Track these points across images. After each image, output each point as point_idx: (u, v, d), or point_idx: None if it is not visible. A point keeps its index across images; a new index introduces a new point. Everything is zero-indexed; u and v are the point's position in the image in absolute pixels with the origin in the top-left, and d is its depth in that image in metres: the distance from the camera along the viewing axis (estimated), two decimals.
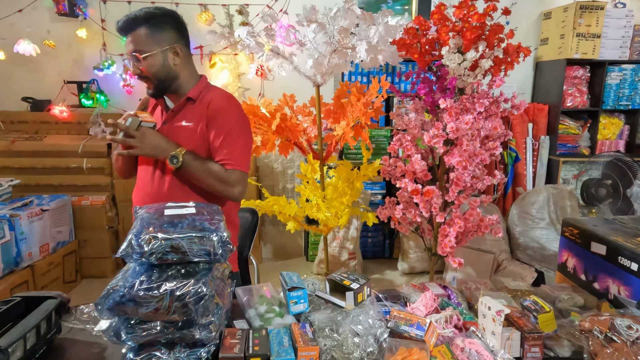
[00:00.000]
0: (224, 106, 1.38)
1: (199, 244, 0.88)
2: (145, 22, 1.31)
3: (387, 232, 3.63)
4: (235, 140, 1.38)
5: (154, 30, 1.32)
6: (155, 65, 1.34)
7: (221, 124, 1.37)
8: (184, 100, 1.40)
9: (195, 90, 1.41)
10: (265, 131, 2.54)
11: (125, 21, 1.32)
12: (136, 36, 1.31)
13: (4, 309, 0.91)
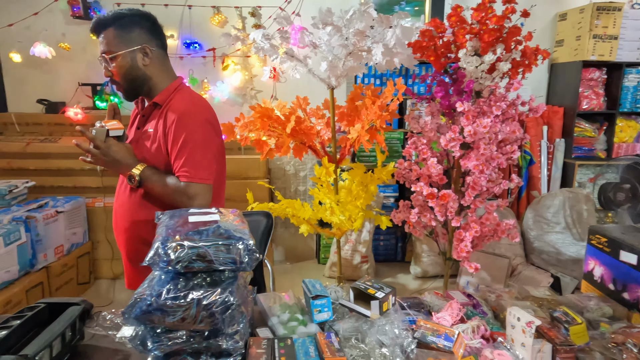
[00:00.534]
0: (183, 112, 1.29)
1: (225, 252, 0.86)
2: (114, 23, 1.30)
3: (400, 236, 3.60)
4: (192, 150, 1.28)
5: (122, 30, 1.30)
6: (124, 66, 1.31)
7: (177, 132, 1.27)
8: (150, 105, 1.36)
9: (162, 95, 1.36)
10: (279, 134, 2.53)
11: (95, 22, 1.32)
12: (105, 37, 1.30)
13: (29, 316, 0.91)
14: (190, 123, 1.28)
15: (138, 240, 1.37)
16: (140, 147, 1.35)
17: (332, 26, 2.17)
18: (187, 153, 1.27)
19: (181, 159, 1.28)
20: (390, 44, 2.08)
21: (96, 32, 1.32)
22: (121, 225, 1.39)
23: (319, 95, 2.88)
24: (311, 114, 2.81)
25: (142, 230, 1.35)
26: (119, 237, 1.43)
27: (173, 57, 3.58)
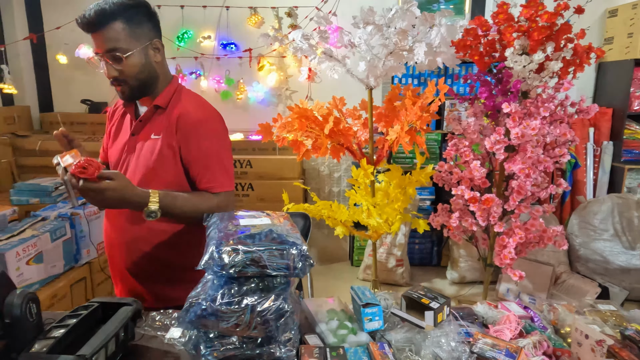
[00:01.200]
0: (198, 121, 1.20)
1: (279, 257, 0.84)
2: (120, 15, 1.10)
3: (436, 239, 3.52)
4: (218, 158, 1.21)
5: (131, 24, 1.13)
6: (137, 64, 1.15)
7: (198, 141, 1.18)
8: (151, 109, 1.21)
9: (164, 97, 1.22)
10: (317, 135, 2.51)
11: (96, 14, 1.08)
12: (112, 32, 1.10)
13: (85, 315, 0.91)
14: (211, 131, 1.21)
15: (139, 252, 1.26)
16: (143, 156, 1.20)
17: (374, 25, 2.13)
18: (213, 164, 1.21)
19: (208, 170, 1.20)
20: (435, 43, 2.02)
21: (96, 26, 1.10)
22: (121, 238, 1.27)
23: (354, 96, 2.85)
24: (347, 114, 2.78)
25: (146, 241, 1.25)
26: (119, 250, 1.29)
27: (210, 57, 3.63)
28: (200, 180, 1.21)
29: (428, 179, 2.61)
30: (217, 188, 1.21)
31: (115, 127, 1.31)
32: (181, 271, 1.25)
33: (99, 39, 1.11)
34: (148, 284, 1.29)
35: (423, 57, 2.12)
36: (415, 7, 2.06)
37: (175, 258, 1.26)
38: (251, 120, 3.77)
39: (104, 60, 1.13)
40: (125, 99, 1.21)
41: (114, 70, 1.14)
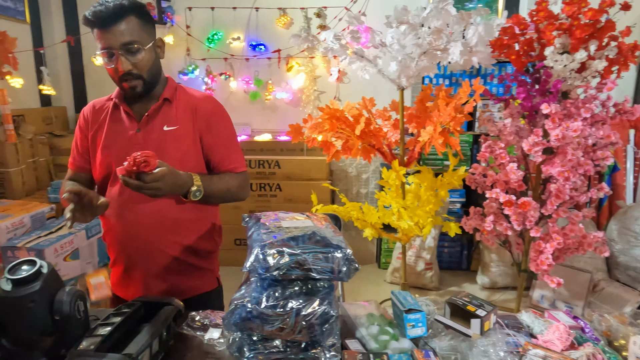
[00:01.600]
0: (214, 109, 1.30)
1: (323, 260, 0.83)
2: (134, 11, 1.13)
3: (466, 243, 3.44)
4: (235, 141, 1.34)
5: (143, 20, 1.16)
6: (150, 59, 1.18)
7: (218, 128, 1.28)
8: (160, 102, 1.24)
9: (170, 90, 1.27)
10: (348, 136, 2.49)
11: (114, 7, 1.10)
12: (129, 25, 1.11)
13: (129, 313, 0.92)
14: (225, 117, 1.32)
15: (154, 243, 1.27)
16: (164, 148, 1.21)
17: (407, 24, 2.10)
18: (232, 146, 1.32)
19: (231, 152, 1.31)
20: (472, 42, 1.97)
21: (112, 19, 1.10)
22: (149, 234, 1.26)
23: (383, 96, 2.82)
24: (377, 115, 2.74)
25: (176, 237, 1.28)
26: (143, 247, 1.27)
27: (240, 59, 3.66)
28: (224, 162, 1.29)
29: (460, 182, 2.55)
30: (240, 168, 1.32)
31: (106, 128, 1.27)
32: (196, 258, 1.32)
33: (114, 33, 1.11)
34: (162, 275, 1.29)
35: (458, 56, 2.07)
36: (451, 6, 2.02)
37: (192, 244, 1.30)
38: (279, 121, 3.78)
39: (118, 54, 1.12)
40: (139, 93, 1.20)
41: (129, 64, 1.14)
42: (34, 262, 0.81)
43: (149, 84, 1.21)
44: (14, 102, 3.05)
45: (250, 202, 3.45)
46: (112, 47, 1.12)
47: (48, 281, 0.81)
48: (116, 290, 1.37)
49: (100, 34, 1.12)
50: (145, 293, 1.29)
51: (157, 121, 1.24)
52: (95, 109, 1.31)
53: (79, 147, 1.34)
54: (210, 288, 1.39)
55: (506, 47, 2.14)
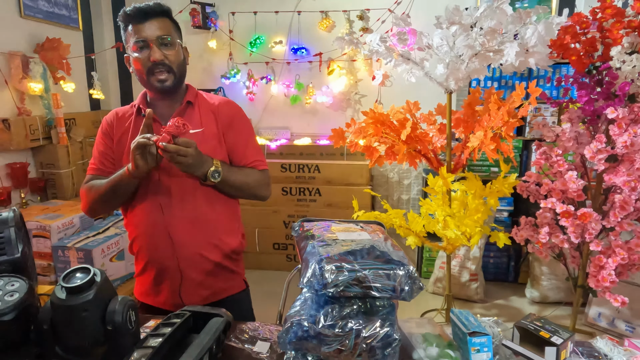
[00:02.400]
0: (235, 110, 1.36)
1: (385, 278, 0.77)
2: (167, 15, 1.25)
3: (513, 254, 3.27)
4: (256, 141, 1.39)
5: (176, 26, 1.28)
6: (180, 57, 1.26)
7: (240, 127, 1.34)
8: (184, 105, 1.29)
9: (192, 95, 1.32)
10: (392, 141, 2.41)
11: (152, 6, 1.21)
12: (165, 22, 1.22)
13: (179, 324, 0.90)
14: (245, 118, 1.38)
15: (186, 242, 1.28)
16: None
17: (459, 25, 2.00)
18: (253, 144, 1.36)
19: (251, 149, 1.35)
20: (530, 43, 1.85)
21: (150, 15, 1.20)
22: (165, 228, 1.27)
23: (426, 100, 2.72)
24: (422, 119, 2.65)
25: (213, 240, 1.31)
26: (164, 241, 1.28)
27: (281, 62, 3.65)
28: (246, 158, 1.33)
29: (511, 189, 2.42)
30: (261, 165, 1.36)
31: (131, 133, 1.29)
32: (225, 260, 1.34)
33: (153, 26, 1.20)
34: (194, 277, 1.30)
35: (514, 58, 1.96)
36: (507, 5, 1.91)
37: (222, 244, 1.32)
38: (319, 125, 3.75)
39: (152, 45, 1.19)
40: (167, 88, 1.24)
41: (161, 54, 1.20)
42: (88, 270, 0.80)
43: (177, 81, 1.25)
44: (66, 106, 3.17)
45: (290, 206, 3.43)
46: (147, 38, 1.19)
47: (101, 290, 0.79)
48: (145, 299, 1.37)
49: (136, 28, 1.20)
50: (177, 298, 1.30)
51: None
52: (119, 116, 1.34)
53: (101, 151, 1.34)
54: (238, 290, 1.40)
55: (567, 47, 2.00)
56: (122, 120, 1.33)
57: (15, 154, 2.81)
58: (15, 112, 2.82)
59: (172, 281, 1.30)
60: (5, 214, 1.02)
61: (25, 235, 1.12)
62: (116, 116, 1.34)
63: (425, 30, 2.39)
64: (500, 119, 2.16)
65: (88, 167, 1.38)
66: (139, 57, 1.20)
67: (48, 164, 3.00)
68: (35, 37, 2.97)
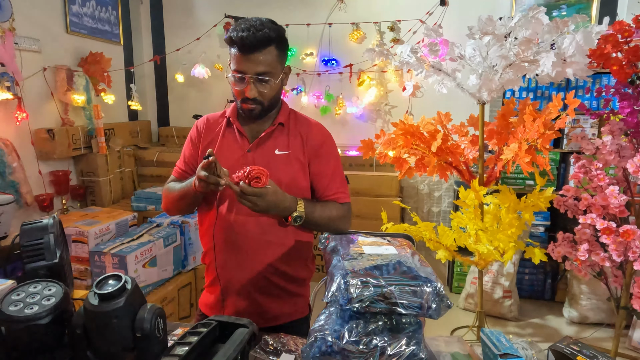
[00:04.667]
0: (324, 137, 1.30)
1: (411, 294, 0.75)
2: (276, 42, 1.15)
3: (550, 271, 3.14)
4: (341, 172, 1.32)
5: (281, 50, 1.18)
6: (276, 89, 1.20)
7: (327, 157, 1.29)
8: (275, 126, 1.25)
9: (284, 115, 1.28)
10: (423, 152, 2.38)
11: (258, 39, 1.11)
12: (268, 56, 1.14)
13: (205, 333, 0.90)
14: (333, 147, 1.32)
15: (253, 262, 1.26)
16: (273, 171, 1.20)
17: (492, 35, 1.97)
18: (338, 175, 1.31)
19: (334, 182, 1.29)
20: (568, 52, 1.79)
21: (254, 48, 1.12)
22: (257, 245, 1.25)
23: (457, 111, 2.66)
24: (453, 131, 2.61)
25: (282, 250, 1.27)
26: (250, 260, 1.26)
27: (311, 74, 3.69)
28: (329, 190, 1.29)
29: (547, 204, 2.33)
30: (344, 198, 1.31)
31: (218, 144, 1.28)
32: (292, 285, 1.31)
33: (253, 60, 1.13)
34: (258, 298, 1.28)
35: (550, 68, 1.90)
36: (543, 14, 1.86)
37: (290, 270, 1.29)
38: (348, 136, 3.75)
39: (249, 80, 1.15)
40: (255, 116, 1.22)
41: (256, 92, 1.16)
42: (120, 278, 0.83)
43: (267, 110, 1.23)
44: (106, 116, 3.31)
45: None
46: (246, 72, 1.14)
47: (131, 297, 0.82)
48: (209, 313, 1.34)
49: (239, 57, 1.14)
50: (239, 316, 1.28)
51: (269, 144, 1.25)
52: (210, 123, 1.33)
53: (186, 157, 1.36)
54: (302, 315, 1.35)
55: (608, 57, 1.93)
56: (212, 127, 1.32)
57: (58, 162, 2.96)
58: (59, 123, 2.97)
59: (234, 299, 1.28)
60: (46, 221, 1.07)
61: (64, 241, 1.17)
62: (207, 122, 1.34)
63: (457, 41, 2.36)
64: (536, 130, 2.09)
65: (174, 168, 1.40)
66: (237, 87, 1.18)
67: (88, 172, 3.13)
68: (80, 51, 3.13)
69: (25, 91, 2.65)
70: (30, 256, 1.00)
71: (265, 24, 1.15)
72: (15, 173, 2.50)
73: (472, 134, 2.59)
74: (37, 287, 0.87)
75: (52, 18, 2.92)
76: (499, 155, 2.43)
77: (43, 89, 2.84)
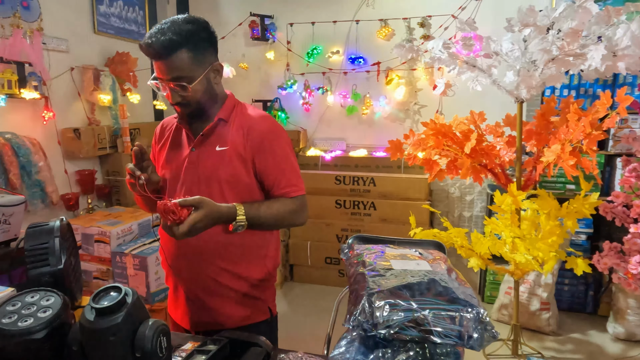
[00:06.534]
0: (268, 129, 1.22)
1: (449, 321, 0.64)
2: (186, 44, 1.09)
3: (592, 282, 2.92)
4: (290, 163, 1.25)
5: (196, 51, 1.11)
6: (200, 90, 1.15)
7: (272, 150, 1.21)
8: (215, 122, 1.21)
9: (226, 110, 1.23)
10: (455, 154, 2.24)
11: (162, 44, 1.07)
12: (177, 61, 1.09)
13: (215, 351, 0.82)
14: (280, 137, 1.24)
15: (219, 267, 1.22)
16: (209, 168, 1.20)
17: (534, 27, 1.81)
18: (287, 169, 1.24)
19: (284, 175, 1.23)
20: (621, 44, 1.62)
21: (161, 55, 1.08)
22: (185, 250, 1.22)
23: (490, 110, 2.49)
24: (487, 131, 2.45)
25: (229, 252, 1.22)
26: (195, 262, 1.23)
27: (337, 72, 3.59)
28: (277, 186, 1.23)
29: (592, 210, 2.14)
30: (294, 192, 1.24)
31: (168, 144, 1.29)
32: (245, 286, 1.25)
33: (164, 66, 1.11)
34: (207, 300, 1.24)
35: (599, 62, 1.72)
36: (592, 3, 1.69)
37: (240, 271, 1.24)
38: (375, 136, 3.63)
39: (168, 86, 1.13)
40: (185, 120, 1.23)
41: (177, 96, 1.14)
42: (119, 290, 0.75)
43: (198, 111, 1.20)
44: (132, 116, 3.31)
45: (343, 220, 3.33)
46: (162, 78, 1.13)
47: (132, 312, 0.74)
48: (170, 311, 1.37)
49: (154, 63, 1.14)
50: (191, 317, 1.26)
51: (212, 141, 1.22)
52: (163, 127, 1.35)
53: (152, 159, 1.38)
54: (260, 319, 1.29)
55: None
56: (164, 132, 1.34)
57: (84, 162, 2.97)
58: (85, 122, 2.98)
59: (184, 299, 1.27)
60: (52, 224, 1.01)
61: (72, 245, 1.11)
62: (161, 127, 1.36)
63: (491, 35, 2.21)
64: (582, 131, 1.92)
65: None
66: (161, 93, 1.18)
67: (113, 171, 3.13)
68: (107, 51, 3.14)
69: (52, 91, 2.66)
70: (33, 261, 0.94)
71: (171, 27, 1.09)
72: (42, 172, 2.51)
73: (509, 134, 2.42)
74: (34, 297, 0.80)
75: (79, 18, 2.93)
76: (538, 157, 2.26)
77: (70, 89, 2.86)
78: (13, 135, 2.39)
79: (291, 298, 3.25)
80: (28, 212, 2.48)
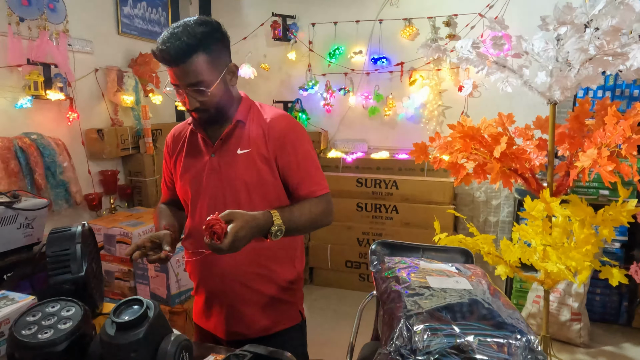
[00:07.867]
0: (287, 127, 1.19)
1: (495, 348, 0.58)
2: (200, 47, 1.04)
3: (627, 292, 2.79)
4: (312, 161, 1.21)
5: (212, 54, 1.07)
6: (219, 94, 1.11)
7: (294, 148, 1.18)
8: (233, 125, 1.17)
9: (243, 111, 1.19)
10: (484, 157, 2.15)
11: (178, 50, 1.03)
12: (193, 66, 1.05)
13: None
14: (300, 135, 1.21)
15: (253, 273, 1.21)
16: (233, 173, 1.16)
17: (571, 25, 1.72)
18: (311, 167, 1.20)
19: (308, 174, 1.19)
20: None
21: (176, 62, 1.04)
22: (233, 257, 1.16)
23: (518, 112, 2.40)
24: (516, 134, 2.35)
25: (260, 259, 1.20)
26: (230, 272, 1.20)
27: (360, 73, 3.53)
28: (303, 184, 1.19)
29: (630, 218, 2.03)
30: (320, 191, 1.20)
31: (184, 152, 1.26)
32: (277, 290, 1.24)
33: (180, 72, 1.06)
34: (242, 309, 1.22)
35: None
36: None
37: (272, 274, 1.22)
38: (398, 138, 3.55)
39: (185, 92, 1.09)
40: (208, 121, 1.17)
41: (196, 102, 1.10)
42: (141, 303, 0.71)
43: (216, 116, 1.16)
44: (154, 117, 3.32)
45: (364, 223, 3.27)
46: (178, 85, 1.10)
47: (154, 326, 0.70)
48: (198, 321, 1.33)
49: (169, 70, 1.10)
50: (225, 327, 1.24)
51: (231, 144, 1.19)
52: (175, 136, 1.31)
53: (166, 175, 1.38)
54: (291, 324, 1.27)
55: None
56: (178, 140, 1.30)
57: (107, 162, 2.99)
58: (109, 123, 3.00)
59: (220, 309, 1.25)
60: (74, 229, 0.99)
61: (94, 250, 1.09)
62: (173, 137, 1.32)
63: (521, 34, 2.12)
64: (621, 134, 1.82)
65: (162, 180, 1.41)
66: (178, 99, 1.14)
67: (135, 172, 3.15)
68: (130, 52, 3.16)
69: (76, 92, 2.69)
70: (55, 268, 0.92)
71: (184, 31, 1.04)
72: (66, 172, 2.53)
73: (539, 137, 2.32)
74: (55, 307, 0.78)
75: (104, 20, 2.96)
76: (572, 162, 2.16)
77: (94, 90, 2.88)
78: (39, 136, 2.42)
79: (311, 302, 3.21)
80: (52, 212, 2.51)
